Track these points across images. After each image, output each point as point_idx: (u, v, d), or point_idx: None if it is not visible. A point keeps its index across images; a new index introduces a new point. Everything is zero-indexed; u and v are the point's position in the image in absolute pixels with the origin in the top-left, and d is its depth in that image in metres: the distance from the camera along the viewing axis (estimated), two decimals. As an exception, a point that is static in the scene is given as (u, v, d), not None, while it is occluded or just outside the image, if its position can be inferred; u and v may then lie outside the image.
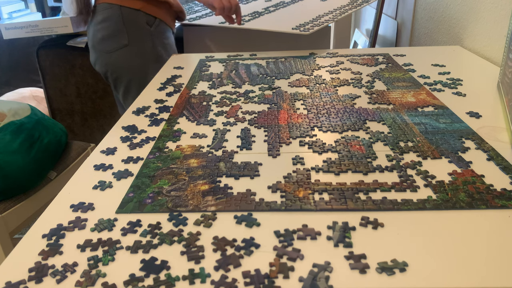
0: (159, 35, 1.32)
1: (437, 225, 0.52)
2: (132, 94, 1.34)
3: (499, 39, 1.09)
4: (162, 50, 1.33)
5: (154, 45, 1.31)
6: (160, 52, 1.33)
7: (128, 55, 1.29)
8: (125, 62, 1.30)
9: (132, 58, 1.29)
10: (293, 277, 0.45)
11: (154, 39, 1.31)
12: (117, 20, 1.28)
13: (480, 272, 0.44)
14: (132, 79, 1.32)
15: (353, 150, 0.70)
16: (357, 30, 2.45)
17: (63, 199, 0.62)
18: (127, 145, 0.77)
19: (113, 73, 1.34)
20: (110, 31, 1.28)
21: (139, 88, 1.28)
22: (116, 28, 1.28)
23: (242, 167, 0.67)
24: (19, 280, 0.47)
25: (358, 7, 1.48)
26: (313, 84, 1.03)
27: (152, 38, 1.30)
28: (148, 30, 1.30)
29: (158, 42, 1.32)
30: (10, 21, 2.16)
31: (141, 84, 1.29)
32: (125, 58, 1.29)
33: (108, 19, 1.29)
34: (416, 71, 1.08)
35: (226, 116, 0.87)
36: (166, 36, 1.35)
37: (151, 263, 0.48)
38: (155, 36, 1.31)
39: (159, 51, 1.32)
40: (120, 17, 1.27)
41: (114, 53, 1.30)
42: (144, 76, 1.27)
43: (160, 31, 1.33)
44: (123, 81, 1.34)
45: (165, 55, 1.34)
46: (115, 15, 1.28)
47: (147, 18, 1.29)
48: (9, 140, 1.05)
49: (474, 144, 0.70)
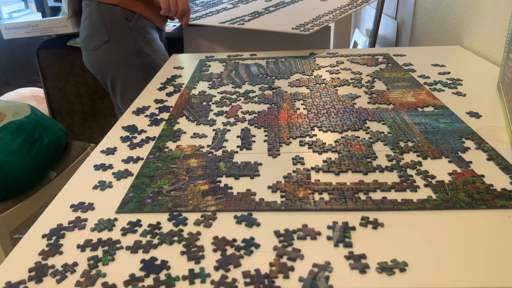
0: (139, 30, 1.30)
1: (437, 225, 0.52)
2: (119, 90, 1.33)
3: (499, 39, 1.09)
4: (143, 44, 1.31)
5: (134, 40, 1.29)
6: (141, 46, 1.30)
7: (109, 51, 1.27)
8: (106, 58, 1.29)
9: (113, 54, 1.28)
10: (293, 277, 0.45)
11: (134, 34, 1.29)
12: (97, 17, 1.27)
13: (480, 272, 0.44)
14: (116, 75, 1.30)
15: (353, 150, 0.70)
16: (357, 30, 2.45)
17: (63, 199, 0.62)
18: (127, 145, 0.77)
19: (99, 71, 1.34)
20: (92, 28, 1.28)
21: (123, 84, 1.32)
22: (96, 25, 1.28)
23: (242, 167, 0.67)
24: (19, 280, 0.47)
25: (358, 7, 1.48)
26: (313, 84, 1.03)
27: (131, 33, 1.28)
28: (127, 25, 1.28)
29: (138, 37, 1.30)
30: (10, 21, 2.17)
31: (125, 80, 1.31)
32: (106, 54, 1.28)
33: (89, 16, 1.29)
34: (416, 71, 1.08)
35: (226, 116, 0.87)
36: (147, 31, 1.33)
37: (151, 263, 0.48)
38: (135, 31, 1.29)
39: (140, 46, 1.30)
40: (99, 14, 1.27)
41: (97, 50, 1.29)
42: (127, 72, 1.28)
43: (141, 26, 1.31)
44: (108, 78, 1.33)
45: (147, 49, 1.32)
46: (94, 11, 1.27)
47: (125, 13, 1.28)
48: (9, 140, 1.05)
49: (474, 144, 0.70)
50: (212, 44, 1.56)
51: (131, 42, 1.29)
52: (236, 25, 1.37)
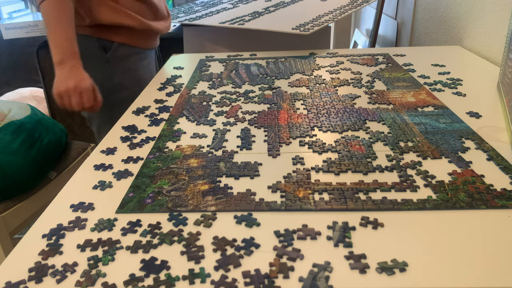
0: (118, 61, 1.13)
1: (437, 225, 0.52)
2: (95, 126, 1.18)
3: (499, 39, 1.09)
4: (124, 76, 1.15)
5: (111, 73, 1.13)
6: (121, 79, 1.14)
7: None
8: None
9: None
10: (293, 277, 0.45)
11: (112, 66, 1.13)
12: None
13: (480, 272, 0.44)
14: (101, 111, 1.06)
15: (353, 150, 0.70)
16: (357, 30, 2.45)
17: (63, 199, 0.62)
18: (127, 145, 0.77)
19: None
20: None
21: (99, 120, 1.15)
22: None
23: (242, 167, 0.67)
24: (19, 280, 0.47)
25: (358, 7, 1.48)
26: (313, 84, 1.03)
27: (109, 65, 1.12)
28: (102, 57, 1.12)
29: (117, 69, 1.14)
30: (10, 21, 2.16)
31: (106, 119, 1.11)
32: None
33: None
34: (416, 71, 1.08)
35: (226, 116, 0.87)
36: (130, 61, 1.16)
37: (151, 263, 0.48)
38: (113, 63, 1.12)
39: (119, 79, 1.14)
40: None
41: None
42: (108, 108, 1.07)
43: (121, 56, 1.14)
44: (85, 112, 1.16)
45: (129, 82, 1.16)
46: None
47: (102, 43, 1.11)
48: (9, 140, 1.05)
49: (474, 144, 0.70)
50: (212, 44, 1.56)
51: (108, 76, 1.12)
52: (236, 25, 1.37)
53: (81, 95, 0.95)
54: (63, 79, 0.94)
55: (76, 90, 0.94)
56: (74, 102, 0.95)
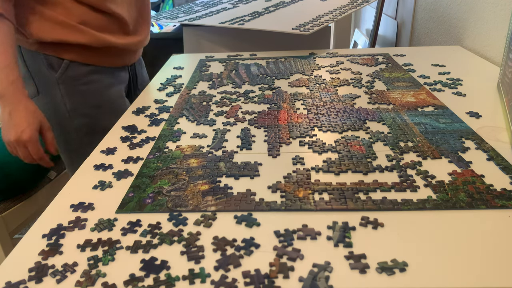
0: (70, 82, 0.94)
1: (437, 225, 0.52)
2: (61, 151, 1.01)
3: (499, 39, 1.09)
4: (78, 100, 0.96)
5: (63, 95, 0.94)
6: (75, 104, 0.95)
7: (41, 107, 0.87)
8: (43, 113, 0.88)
9: (45, 110, 0.89)
10: (293, 277, 0.45)
11: (63, 88, 0.94)
12: (21, 63, 0.94)
13: (480, 272, 0.44)
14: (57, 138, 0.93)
15: (353, 150, 0.70)
16: (357, 30, 2.45)
17: (63, 199, 0.62)
18: (127, 145, 0.77)
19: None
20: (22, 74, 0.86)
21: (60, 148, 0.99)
22: (23, 73, 0.94)
23: (242, 167, 0.67)
24: (19, 280, 0.47)
25: (358, 7, 1.48)
26: (313, 84, 1.03)
27: (59, 87, 0.94)
28: (52, 77, 0.93)
29: (68, 91, 0.94)
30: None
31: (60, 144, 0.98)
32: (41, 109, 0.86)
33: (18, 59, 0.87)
34: (416, 71, 1.08)
35: (226, 116, 0.87)
36: (85, 81, 0.96)
37: (151, 263, 0.48)
38: (63, 84, 0.94)
39: (72, 103, 0.95)
40: (22, 60, 0.94)
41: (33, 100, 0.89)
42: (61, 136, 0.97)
43: (73, 76, 0.94)
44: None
45: (85, 107, 0.96)
46: (19, 56, 0.93)
47: (49, 61, 0.92)
48: (9, 140, 1.04)
49: (474, 144, 0.70)
50: (212, 44, 1.56)
51: (59, 98, 0.95)
52: (236, 25, 1.37)
53: (26, 148, 0.82)
54: (5, 127, 0.81)
55: (19, 144, 0.81)
56: (21, 156, 0.83)
